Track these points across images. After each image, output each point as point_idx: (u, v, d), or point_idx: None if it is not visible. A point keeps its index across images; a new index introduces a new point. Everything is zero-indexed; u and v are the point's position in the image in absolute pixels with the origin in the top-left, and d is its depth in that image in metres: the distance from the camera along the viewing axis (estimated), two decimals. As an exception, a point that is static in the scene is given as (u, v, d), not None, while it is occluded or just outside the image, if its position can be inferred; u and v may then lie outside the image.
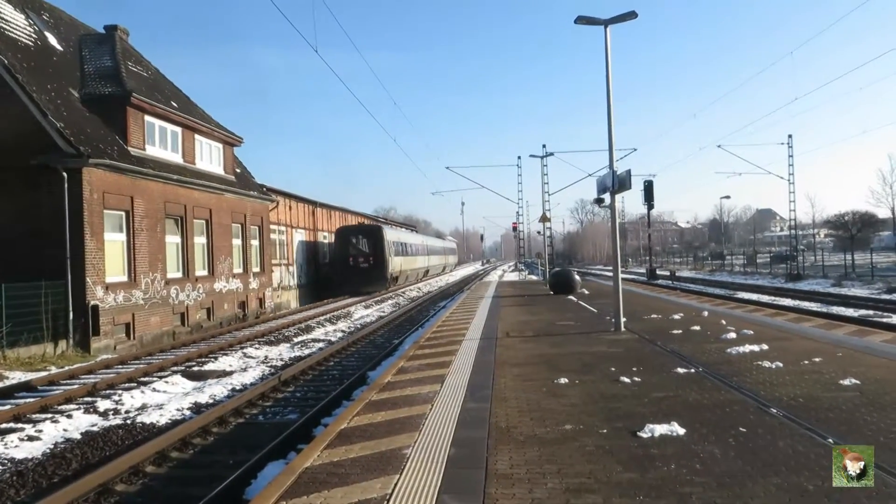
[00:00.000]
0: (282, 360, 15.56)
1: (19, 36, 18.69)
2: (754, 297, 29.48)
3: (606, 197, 14.68)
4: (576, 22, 13.79)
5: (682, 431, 5.76)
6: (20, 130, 16.39)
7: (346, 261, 38.98)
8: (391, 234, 43.66)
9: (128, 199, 18.40)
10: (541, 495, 4.44)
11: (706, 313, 15.96)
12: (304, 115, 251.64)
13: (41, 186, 16.34)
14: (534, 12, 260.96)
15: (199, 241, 22.76)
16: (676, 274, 51.83)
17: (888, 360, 8.99)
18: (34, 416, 10.22)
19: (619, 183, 13.57)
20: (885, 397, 6.82)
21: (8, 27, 18.40)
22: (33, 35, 19.61)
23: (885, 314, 20.74)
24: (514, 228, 57.64)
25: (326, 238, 41.23)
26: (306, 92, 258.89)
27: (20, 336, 15.14)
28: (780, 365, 8.74)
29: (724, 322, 13.76)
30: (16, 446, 8.51)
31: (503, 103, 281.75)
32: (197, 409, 10.58)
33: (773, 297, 29.04)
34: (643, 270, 57.87)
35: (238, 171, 27.46)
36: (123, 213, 18.37)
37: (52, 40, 20.63)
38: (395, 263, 42.44)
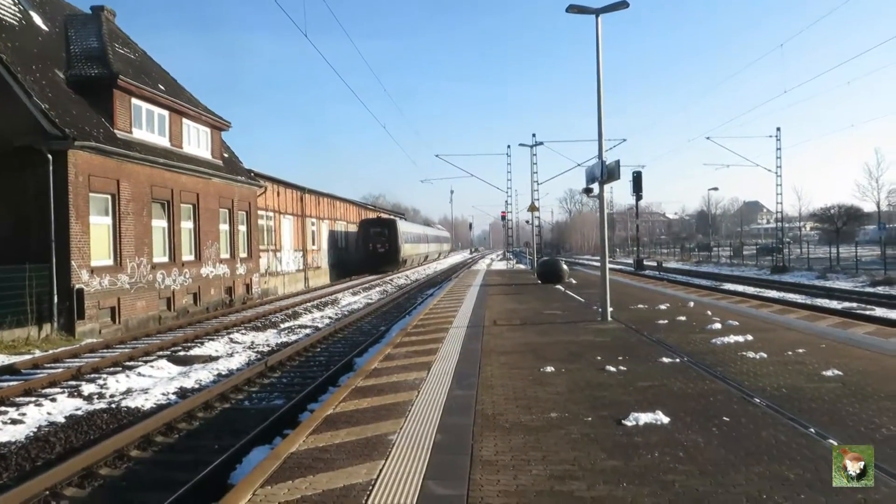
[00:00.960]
0: (268, 345, 15.52)
1: (3, 15, 18.37)
2: (740, 288, 29.70)
3: (595, 187, 14.71)
4: (567, 10, 13.75)
5: (666, 420, 5.80)
6: (4, 112, 16.14)
7: (367, 246, 48.43)
8: (403, 226, 53.58)
9: (114, 182, 18.21)
10: (525, 481, 4.46)
11: (692, 304, 16.06)
12: (294, 102, 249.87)
13: (25, 169, 16.12)
14: (529, 2, 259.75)
15: (186, 225, 22.60)
16: (663, 265, 52.13)
17: (870, 352, 9.10)
18: (17, 399, 10.13)
19: (608, 173, 13.59)
20: (867, 388, 6.91)
21: (-8, 5, 18.08)
22: (18, 14, 19.28)
23: (869, 307, 20.97)
24: (503, 217, 57.64)
25: (314, 224, 41.19)
26: (296, 79, 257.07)
27: (4, 319, 14.99)
28: (765, 356, 8.83)
29: (709, 313, 13.85)
30: (-2, 429, 8.45)
31: (495, 94, 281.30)
32: (182, 393, 10.53)
33: (758, 289, 29.28)
34: (631, 261, 58.11)
35: (226, 155, 27.25)
36: (109, 197, 18.18)
37: (38, 20, 20.30)
38: (406, 249, 51.93)
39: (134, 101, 19.91)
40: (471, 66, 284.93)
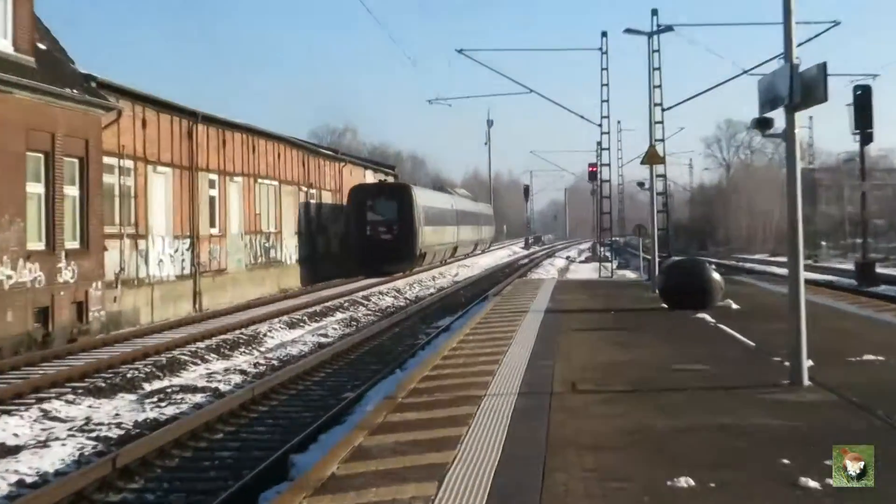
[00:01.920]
0: (120, 426, 15.63)
1: None
2: None
3: (778, 116, 14.57)
4: None
5: None
6: None
7: (363, 231, 56.38)
8: (422, 197, 62.20)
9: None
10: None
11: (976, 354, 15.94)
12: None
13: None
14: None
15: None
16: (916, 274, 51.82)
17: None
18: None
19: (803, 89, 13.45)
20: None
21: None
22: None
23: None
24: (592, 175, 57.57)
25: (216, 186, 41.33)
26: None
27: None
28: None
29: None
30: None
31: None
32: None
33: None
34: (849, 266, 57.79)
35: (43, 47, 27.39)
36: None
37: None
38: (426, 236, 60.46)
39: None
40: None
